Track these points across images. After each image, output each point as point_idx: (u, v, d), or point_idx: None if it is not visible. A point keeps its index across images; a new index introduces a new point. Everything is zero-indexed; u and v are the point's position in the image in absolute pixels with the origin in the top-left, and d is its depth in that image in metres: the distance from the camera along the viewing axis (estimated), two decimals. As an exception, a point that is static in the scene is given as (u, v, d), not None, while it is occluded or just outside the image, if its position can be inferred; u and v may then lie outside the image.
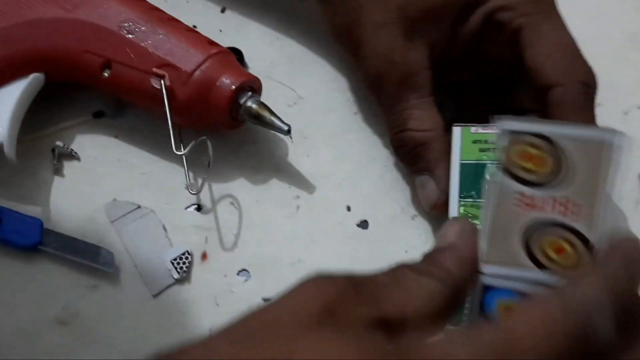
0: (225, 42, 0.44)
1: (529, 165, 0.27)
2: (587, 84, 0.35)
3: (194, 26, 0.44)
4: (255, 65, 0.44)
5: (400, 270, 0.26)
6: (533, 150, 0.27)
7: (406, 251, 0.38)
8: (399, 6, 0.37)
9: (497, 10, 0.37)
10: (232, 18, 0.46)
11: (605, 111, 0.40)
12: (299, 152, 0.42)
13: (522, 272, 0.26)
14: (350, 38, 0.39)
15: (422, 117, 0.37)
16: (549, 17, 0.36)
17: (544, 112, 0.36)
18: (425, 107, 0.37)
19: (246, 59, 0.44)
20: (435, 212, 0.38)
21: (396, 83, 0.37)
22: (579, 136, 0.26)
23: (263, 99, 0.40)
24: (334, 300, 0.23)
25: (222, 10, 0.46)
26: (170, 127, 0.37)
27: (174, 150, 0.37)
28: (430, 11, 0.37)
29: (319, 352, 0.22)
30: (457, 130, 0.37)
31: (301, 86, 0.44)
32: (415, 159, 0.38)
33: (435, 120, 0.37)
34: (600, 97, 0.38)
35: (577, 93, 0.35)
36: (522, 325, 0.23)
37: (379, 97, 0.39)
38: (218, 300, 0.37)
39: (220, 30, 0.45)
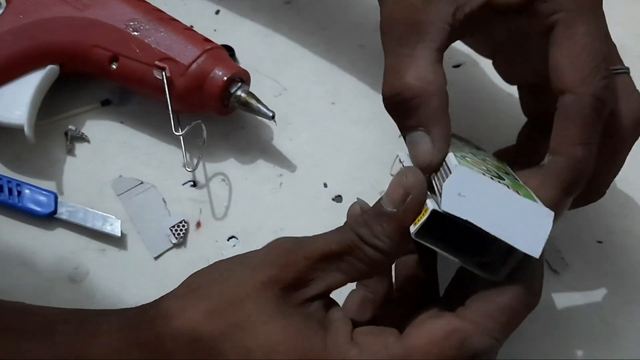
0: (219, 40, 0.48)
1: None
2: (600, 99, 0.32)
3: (191, 26, 0.48)
4: (245, 61, 0.49)
5: (348, 236, 0.31)
6: None
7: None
8: None
9: None
10: (226, 19, 0.50)
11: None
12: (282, 137, 0.46)
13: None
14: None
15: (423, 67, 0.33)
16: (588, 17, 0.33)
17: (550, 116, 0.33)
18: (431, 59, 0.33)
19: (237, 55, 0.49)
20: (427, 174, 0.33)
21: (408, 25, 0.33)
22: None
23: (251, 89, 0.44)
24: (290, 287, 0.30)
25: (217, 12, 0.51)
26: (170, 112, 0.42)
27: (174, 132, 0.42)
28: None
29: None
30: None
31: (286, 79, 0.48)
32: (410, 112, 0.33)
33: (438, 74, 0.33)
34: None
35: (586, 105, 0.32)
36: (420, 339, 0.29)
37: (387, 41, 0.34)
38: (210, 262, 0.41)
39: (215, 30, 0.50)
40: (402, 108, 0.34)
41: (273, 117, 0.43)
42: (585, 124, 0.32)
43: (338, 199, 0.45)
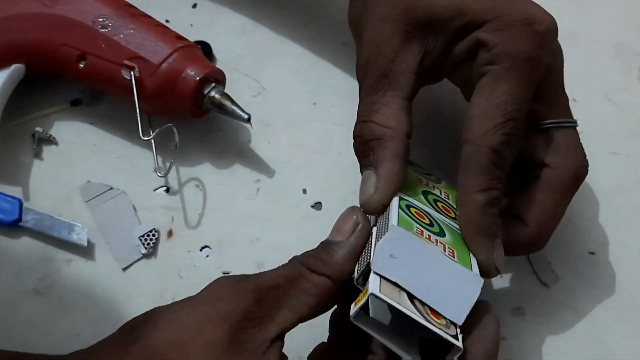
0: (195, 36, 0.46)
1: None
2: (498, 152, 0.34)
3: (167, 21, 0.46)
4: (223, 58, 0.47)
5: (295, 268, 0.31)
6: None
7: (355, 230, 0.41)
8: (408, 7, 0.36)
9: (480, 45, 0.35)
10: (203, 13, 0.48)
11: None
12: (260, 139, 0.44)
13: (405, 310, 0.29)
14: (358, 25, 0.38)
15: (388, 114, 0.36)
16: (515, 78, 0.34)
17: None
18: (397, 107, 0.36)
19: (215, 52, 0.47)
20: (366, 212, 0.35)
21: (379, 74, 0.36)
22: None
23: (229, 89, 0.43)
24: (240, 326, 0.29)
25: (194, 6, 0.49)
26: (137, 115, 0.40)
27: (141, 136, 0.40)
28: (434, 20, 0.36)
29: None
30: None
31: (265, 78, 0.46)
32: (367, 151, 0.36)
33: (401, 122, 0.36)
34: (539, 90, 0.41)
35: (483, 157, 0.34)
36: None
37: (361, 84, 0.38)
38: (182, 273, 0.40)
39: (191, 25, 0.47)
40: (362, 148, 0.36)
41: (249, 120, 0.41)
42: (483, 172, 0.34)
43: (318, 206, 0.43)
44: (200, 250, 0.41)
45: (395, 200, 0.34)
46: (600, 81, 0.47)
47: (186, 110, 0.42)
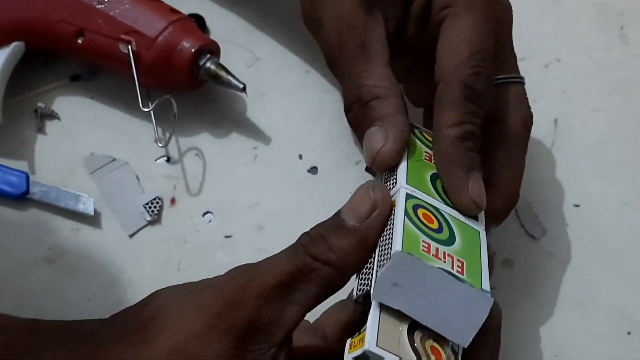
0: (188, 9, 0.47)
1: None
2: (468, 85, 0.33)
3: (160, -6, 0.48)
4: (216, 30, 0.48)
5: (300, 261, 0.29)
6: None
7: (350, 192, 0.43)
8: None
9: None
10: (195, -13, 0.49)
11: (528, 64, 0.45)
12: (256, 108, 0.46)
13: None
14: (315, 14, 0.38)
15: (379, 77, 0.35)
16: (476, 13, 0.34)
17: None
18: (383, 72, 0.36)
19: (208, 24, 0.47)
20: (377, 167, 0.34)
21: (355, 44, 0.36)
22: None
23: (224, 61, 0.44)
24: (245, 335, 0.28)
25: (186, -20, 0.50)
26: (137, 87, 0.41)
27: (141, 107, 0.42)
28: None
29: None
30: None
31: (258, 48, 0.47)
32: (368, 111, 0.35)
33: (393, 81, 0.35)
34: (524, 51, 0.42)
35: (454, 91, 0.33)
36: None
37: (338, 63, 0.37)
38: (186, 238, 0.42)
39: (184, -2, 0.49)
40: (362, 110, 0.35)
41: (244, 90, 0.43)
42: (455, 107, 0.33)
43: (314, 170, 0.44)
44: (203, 216, 0.43)
45: (401, 205, 0.30)
46: (583, 41, 0.48)
47: (183, 81, 0.43)
